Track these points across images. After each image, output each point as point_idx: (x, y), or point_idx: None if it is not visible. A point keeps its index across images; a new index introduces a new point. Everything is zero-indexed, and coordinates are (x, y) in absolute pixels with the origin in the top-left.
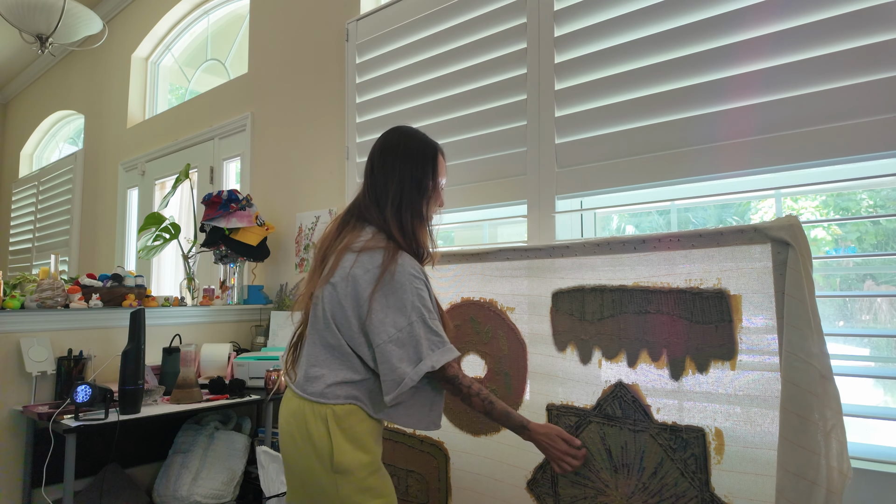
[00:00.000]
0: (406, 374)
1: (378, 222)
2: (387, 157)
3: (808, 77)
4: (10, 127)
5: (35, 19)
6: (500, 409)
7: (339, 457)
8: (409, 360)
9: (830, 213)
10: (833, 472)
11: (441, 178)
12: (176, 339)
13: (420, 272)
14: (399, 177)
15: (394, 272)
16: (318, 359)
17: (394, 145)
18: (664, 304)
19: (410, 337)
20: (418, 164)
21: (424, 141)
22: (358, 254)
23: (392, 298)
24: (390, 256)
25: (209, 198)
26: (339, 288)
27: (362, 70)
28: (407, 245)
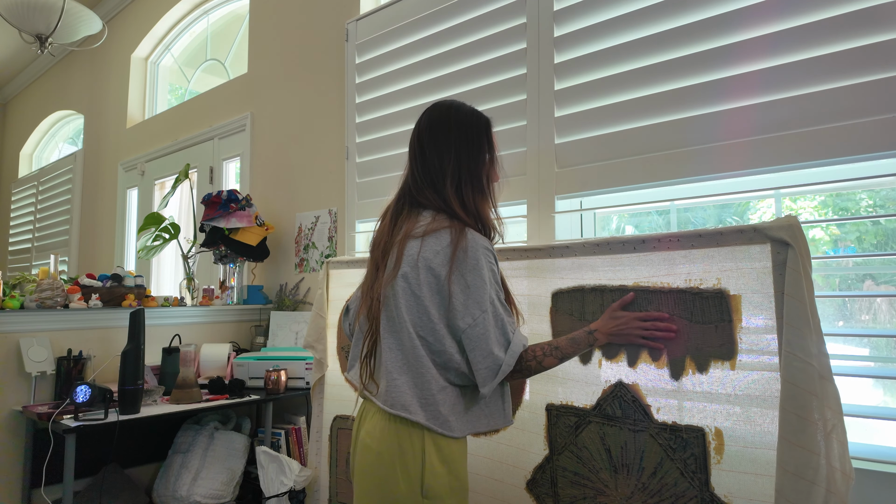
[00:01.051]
0: (501, 359)
1: (437, 204)
2: (438, 134)
3: (808, 77)
4: (9, 127)
5: (35, 19)
6: (566, 346)
7: (430, 479)
8: (499, 343)
9: (829, 214)
10: (835, 472)
11: (496, 150)
12: (175, 339)
13: (490, 249)
14: (455, 152)
15: (466, 248)
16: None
17: (444, 120)
18: (664, 304)
19: (496, 318)
20: (473, 136)
21: (475, 112)
22: (422, 238)
23: (470, 277)
24: (458, 233)
25: (209, 198)
26: (411, 277)
27: (362, 70)
28: (473, 223)
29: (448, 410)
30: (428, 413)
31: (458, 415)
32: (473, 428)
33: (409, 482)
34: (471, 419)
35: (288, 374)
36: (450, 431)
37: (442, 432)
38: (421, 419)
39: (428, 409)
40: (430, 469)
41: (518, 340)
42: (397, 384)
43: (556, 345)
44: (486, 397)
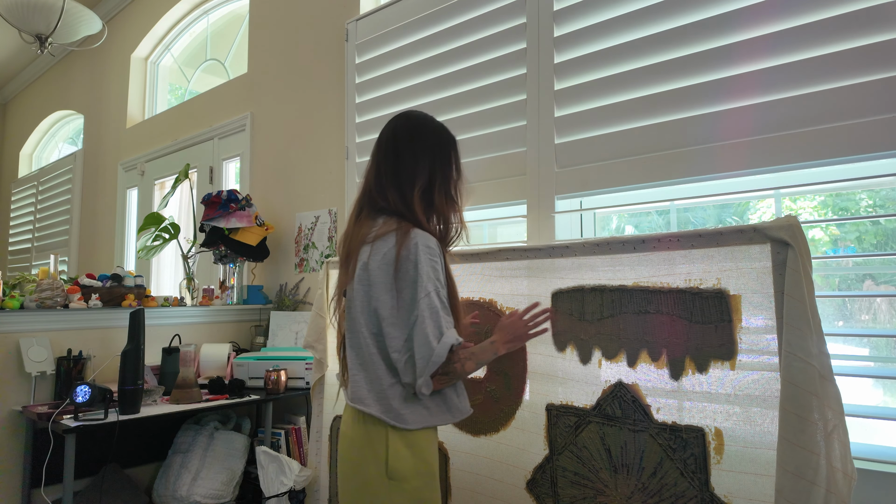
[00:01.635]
0: (434, 348)
1: (396, 206)
2: (417, 140)
3: (807, 77)
4: (9, 127)
5: (34, 19)
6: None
7: (395, 462)
8: (434, 335)
9: (829, 213)
10: (837, 473)
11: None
12: (175, 339)
13: (435, 247)
14: (430, 159)
15: (409, 248)
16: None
17: (422, 128)
18: (664, 304)
19: (431, 311)
20: (447, 148)
21: (444, 127)
22: (372, 243)
23: (412, 273)
24: (403, 235)
25: (209, 198)
26: (363, 280)
27: (362, 70)
28: (432, 227)
29: (399, 405)
30: (382, 407)
31: (412, 408)
32: (430, 421)
33: (376, 465)
34: (427, 413)
35: (288, 374)
36: (404, 424)
37: (395, 424)
38: (375, 412)
39: (382, 403)
40: (394, 453)
41: (452, 334)
42: (356, 379)
43: (473, 351)
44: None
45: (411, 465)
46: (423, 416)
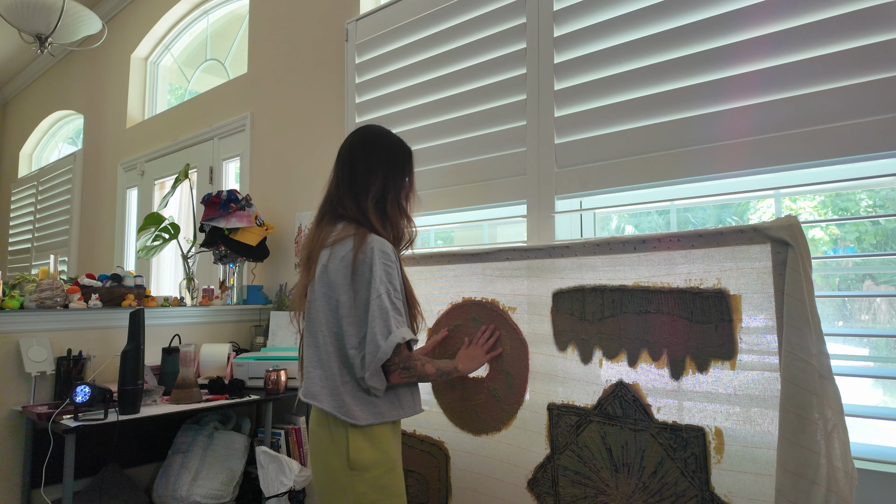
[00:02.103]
0: (380, 346)
1: (353, 214)
2: (371, 152)
3: (808, 77)
4: (9, 127)
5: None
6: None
7: (355, 454)
8: (382, 333)
9: (829, 214)
10: (838, 472)
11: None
12: (175, 339)
13: (391, 252)
14: (383, 171)
15: (365, 251)
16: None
17: (377, 141)
18: (664, 304)
19: (381, 310)
20: (400, 160)
21: (403, 141)
22: (331, 247)
23: (367, 275)
24: (360, 239)
25: (209, 198)
26: (324, 282)
27: (362, 70)
28: (385, 232)
29: (350, 401)
30: (334, 403)
31: (362, 406)
32: (382, 417)
33: (339, 458)
34: (375, 410)
35: (288, 374)
36: (353, 419)
37: (345, 419)
38: (327, 407)
39: (334, 399)
40: (354, 446)
41: (400, 333)
42: (311, 376)
43: (433, 360)
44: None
45: (371, 455)
46: (373, 413)
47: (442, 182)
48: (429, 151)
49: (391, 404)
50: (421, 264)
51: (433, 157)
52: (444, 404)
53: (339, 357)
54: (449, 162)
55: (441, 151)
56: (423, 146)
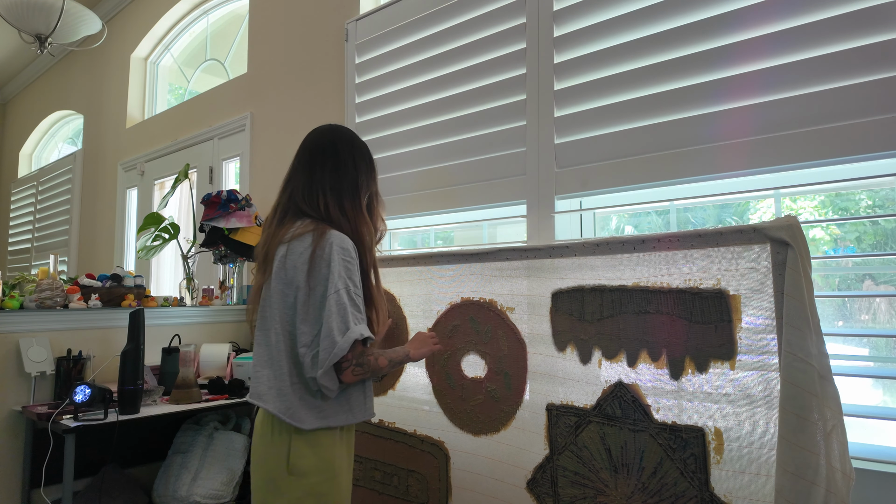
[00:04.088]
0: (336, 342)
1: (318, 212)
2: (341, 151)
3: (808, 77)
4: (9, 127)
5: (34, 19)
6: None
7: (295, 459)
8: (339, 329)
9: (829, 214)
10: (836, 473)
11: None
12: (175, 339)
13: (350, 249)
14: (366, 173)
15: (323, 247)
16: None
17: (344, 141)
18: (664, 304)
19: (339, 306)
20: (368, 159)
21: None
22: (289, 243)
23: (324, 271)
24: (319, 235)
25: (208, 198)
26: (280, 278)
27: (362, 70)
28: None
29: (297, 404)
30: (280, 405)
31: (309, 409)
32: (327, 422)
33: (278, 461)
34: (322, 415)
35: None
36: (299, 423)
37: (290, 423)
38: (272, 408)
39: (281, 401)
40: (295, 451)
41: (357, 329)
42: (259, 376)
43: (385, 350)
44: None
45: (311, 462)
46: (319, 417)
47: (442, 182)
48: (429, 151)
49: (340, 408)
50: (421, 264)
51: (433, 158)
52: (443, 404)
53: (290, 356)
54: (449, 162)
55: (441, 151)
56: (423, 146)
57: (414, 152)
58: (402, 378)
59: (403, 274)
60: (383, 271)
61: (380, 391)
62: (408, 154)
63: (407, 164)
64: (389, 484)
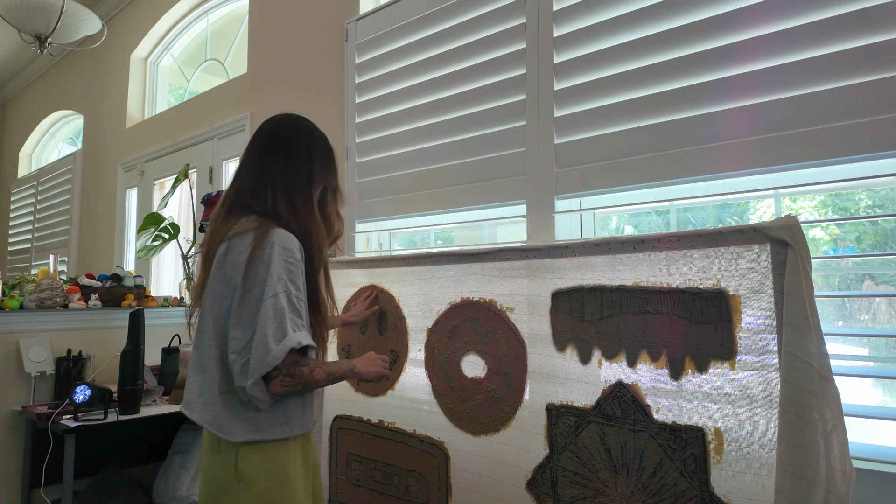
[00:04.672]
0: (270, 350)
1: (275, 211)
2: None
3: (808, 77)
4: (9, 127)
5: (34, 19)
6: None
7: (244, 465)
8: (274, 336)
9: (829, 213)
10: (836, 473)
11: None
12: (175, 339)
13: (295, 249)
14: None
15: (263, 247)
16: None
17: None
18: (663, 304)
19: (276, 311)
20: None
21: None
22: (229, 241)
23: (262, 273)
24: (261, 234)
25: (208, 198)
26: (218, 278)
27: (362, 70)
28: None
29: (226, 414)
30: (207, 415)
31: (238, 421)
32: (257, 436)
33: (225, 467)
34: (252, 427)
35: None
36: (227, 436)
37: (216, 433)
38: (197, 419)
39: (209, 411)
40: (243, 456)
41: (294, 337)
42: (191, 382)
43: (326, 362)
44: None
45: (261, 468)
46: (250, 430)
47: (442, 182)
48: (429, 151)
49: (275, 420)
50: (421, 264)
51: (433, 157)
52: (443, 405)
53: (220, 363)
54: (449, 162)
55: (441, 151)
56: (424, 146)
57: (414, 152)
58: (402, 378)
59: (403, 274)
60: (383, 271)
61: (379, 391)
62: (408, 154)
63: (407, 163)
64: (389, 484)
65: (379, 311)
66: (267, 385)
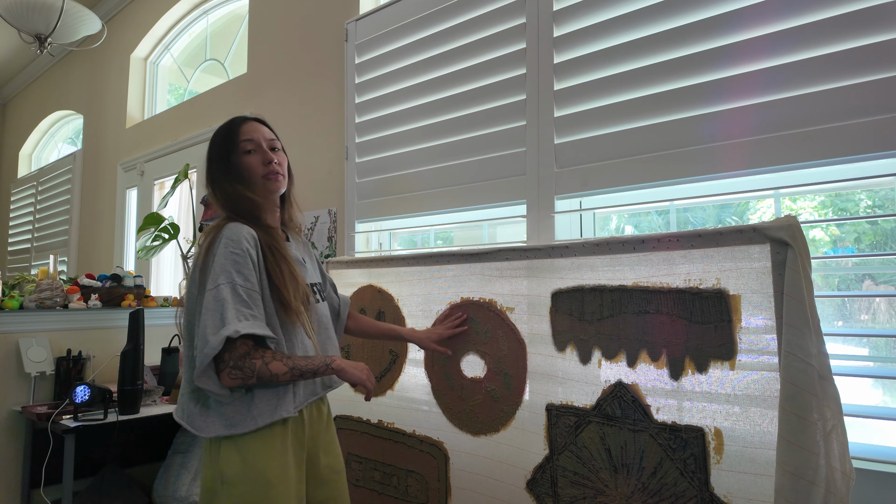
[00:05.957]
0: (208, 341)
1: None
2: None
3: (808, 77)
4: (8, 127)
5: (34, 19)
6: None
7: (225, 467)
8: (213, 326)
9: (829, 214)
10: (835, 473)
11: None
12: (175, 339)
13: (242, 239)
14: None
15: (211, 242)
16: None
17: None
18: (663, 304)
19: (216, 302)
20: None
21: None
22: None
23: (207, 268)
24: (216, 229)
25: (208, 198)
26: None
27: (362, 70)
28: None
29: (196, 409)
30: (181, 410)
31: (206, 415)
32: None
33: (212, 468)
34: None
35: None
36: (198, 431)
37: (189, 429)
38: (177, 416)
39: (182, 407)
40: (225, 458)
41: (233, 326)
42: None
43: (289, 355)
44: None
45: (239, 470)
46: (217, 425)
47: (442, 182)
48: (429, 151)
49: (238, 415)
50: (420, 264)
51: (433, 157)
52: (443, 405)
53: (188, 360)
54: (449, 162)
55: (441, 151)
56: (424, 146)
57: (414, 152)
58: (401, 378)
59: (403, 274)
60: (383, 271)
61: (379, 391)
62: (408, 154)
63: (407, 164)
64: (389, 484)
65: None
66: (219, 377)
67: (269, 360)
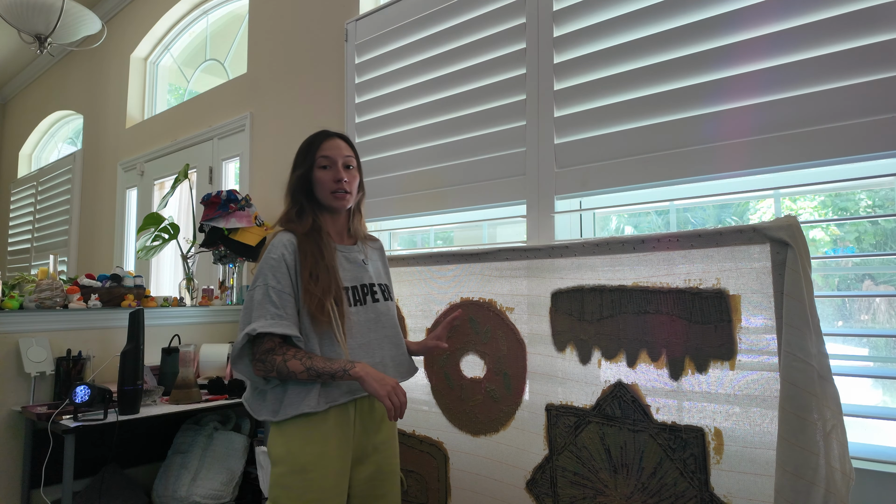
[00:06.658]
0: (239, 338)
1: None
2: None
3: (808, 77)
4: (8, 127)
5: (34, 19)
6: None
7: (270, 446)
8: (243, 324)
9: (829, 214)
10: (835, 473)
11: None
12: (175, 339)
13: (277, 246)
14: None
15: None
16: None
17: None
18: (663, 304)
19: (249, 304)
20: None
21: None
22: None
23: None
24: (269, 237)
25: (208, 198)
26: None
27: (362, 70)
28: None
29: (250, 394)
30: (247, 393)
31: (258, 400)
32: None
33: (268, 447)
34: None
35: None
36: (254, 413)
37: (249, 410)
38: (243, 396)
39: (247, 391)
40: (272, 440)
41: (255, 325)
42: None
43: (311, 355)
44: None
45: (281, 452)
46: (266, 410)
47: (442, 182)
48: (429, 151)
49: (277, 403)
50: (421, 264)
51: (433, 157)
52: (442, 405)
53: None
54: (449, 162)
55: (441, 151)
56: (423, 146)
57: (414, 152)
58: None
59: (402, 274)
60: None
61: None
62: (408, 154)
63: (407, 164)
64: None
65: None
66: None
67: (289, 357)
